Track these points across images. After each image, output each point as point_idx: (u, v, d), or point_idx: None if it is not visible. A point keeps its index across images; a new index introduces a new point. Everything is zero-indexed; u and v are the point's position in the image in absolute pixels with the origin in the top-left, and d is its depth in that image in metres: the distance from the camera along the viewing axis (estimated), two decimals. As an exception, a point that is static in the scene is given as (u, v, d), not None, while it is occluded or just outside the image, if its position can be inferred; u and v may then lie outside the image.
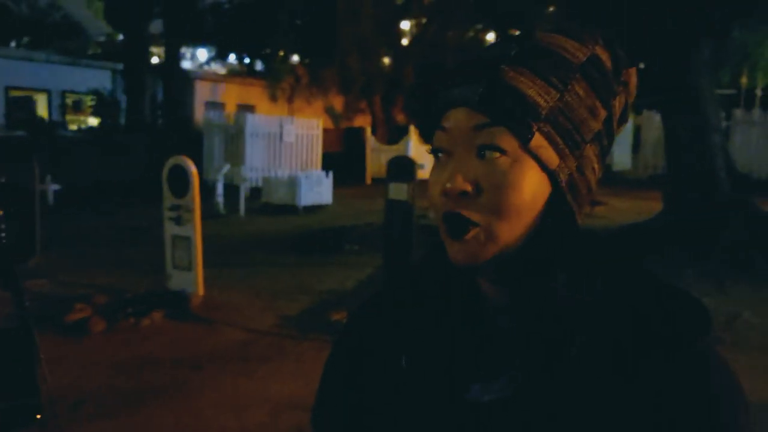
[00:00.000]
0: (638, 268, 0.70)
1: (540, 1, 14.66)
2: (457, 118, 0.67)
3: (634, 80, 0.72)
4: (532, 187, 0.65)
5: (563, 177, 0.66)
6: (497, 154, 0.65)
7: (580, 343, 0.65)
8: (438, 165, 0.69)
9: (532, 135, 0.64)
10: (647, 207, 10.36)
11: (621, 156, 19.27)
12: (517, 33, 0.69)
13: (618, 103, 0.70)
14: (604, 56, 0.69)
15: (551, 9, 15.05)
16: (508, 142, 0.64)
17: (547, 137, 0.65)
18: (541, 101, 0.65)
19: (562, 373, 0.64)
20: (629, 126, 20.19)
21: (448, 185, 0.66)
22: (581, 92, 0.67)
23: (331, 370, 0.84)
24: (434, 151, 0.70)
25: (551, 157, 0.65)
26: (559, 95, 0.65)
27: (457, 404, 0.69)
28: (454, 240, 0.67)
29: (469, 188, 0.65)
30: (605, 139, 0.70)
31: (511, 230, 0.66)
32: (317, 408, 0.84)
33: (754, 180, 13.21)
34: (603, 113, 0.68)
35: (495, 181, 0.65)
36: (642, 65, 9.43)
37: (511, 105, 0.64)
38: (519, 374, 0.66)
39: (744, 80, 17.78)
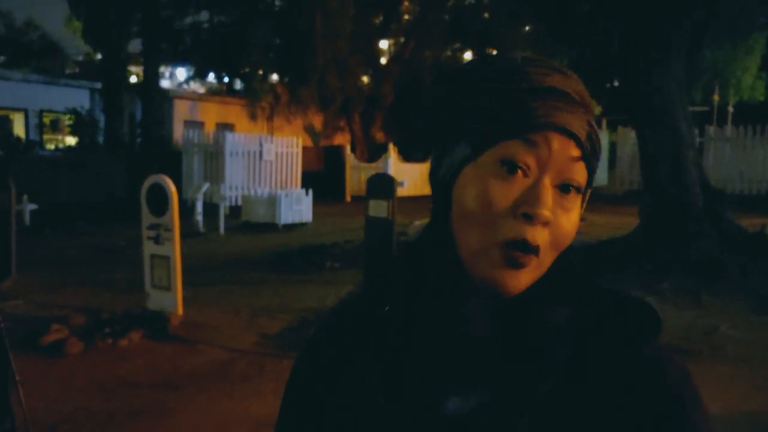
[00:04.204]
0: (593, 282, 0.72)
1: (513, 20, 14.87)
2: (558, 143, 0.64)
3: None
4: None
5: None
6: (575, 188, 0.66)
7: (556, 355, 0.67)
8: (504, 177, 0.64)
9: (595, 172, 0.68)
10: (624, 222, 10.48)
11: (598, 172, 19.48)
12: (527, 57, 0.68)
13: None
14: None
15: (526, 29, 15.30)
16: (584, 179, 0.67)
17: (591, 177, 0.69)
18: (596, 141, 0.68)
19: (537, 383, 0.65)
20: (605, 143, 20.49)
21: (538, 210, 0.63)
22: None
23: (293, 392, 0.79)
24: (507, 163, 0.64)
25: (587, 195, 0.70)
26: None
27: (434, 419, 0.68)
28: (513, 269, 0.64)
29: (552, 218, 0.64)
30: None
31: (552, 259, 0.67)
32: (279, 428, 0.80)
33: (727, 195, 13.43)
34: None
35: (571, 214, 0.66)
36: (616, 82, 9.59)
37: (596, 143, 0.67)
38: (496, 385, 0.67)
39: (716, 97, 18.13)
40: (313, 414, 0.76)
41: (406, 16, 20.79)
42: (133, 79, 24.77)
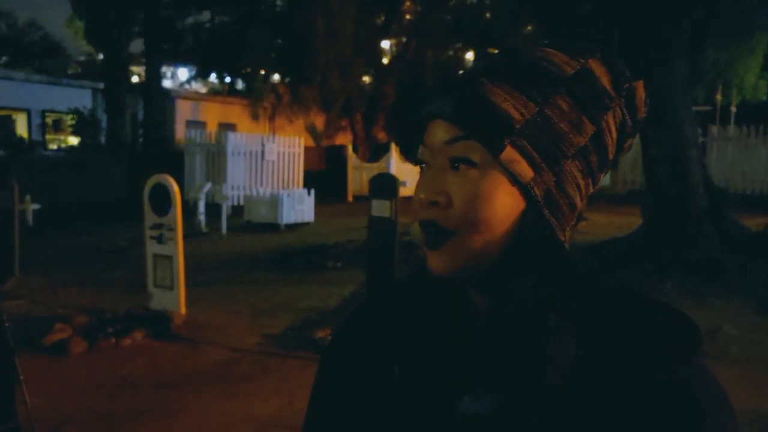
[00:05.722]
0: (626, 289, 0.69)
1: (514, 20, 14.85)
2: (434, 132, 0.68)
3: (639, 94, 0.71)
4: (502, 200, 0.65)
5: (539, 191, 0.66)
6: (469, 167, 0.66)
7: (567, 358, 0.64)
8: (420, 176, 0.71)
9: (503, 148, 0.64)
10: (626, 222, 10.47)
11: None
12: (508, 48, 0.70)
13: (612, 119, 0.68)
14: (599, 71, 0.68)
15: (528, 28, 15.28)
16: (480, 155, 0.65)
17: (521, 151, 0.65)
18: (516, 114, 0.64)
19: (547, 386, 0.64)
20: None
21: (422, 195, 0.68)
22: (564, 106, 0.65)
23: (319, 387, 0.82)
24: (419, 164, 0.72)
25: (524, 171, 0.65)
26: (537, 109, 0.65)
27: (449, 417, 0.68)
28: (430, 249, 0.69)
29: (439, 199, 0.67)
30: (593, 155, 0.68)
31: (484, 241, 0.66)
32: (307, 426, 0.82)
33: (730, 194, 13.43)
34: (590, 128, 0.67)
35: (465, 192, 0.66)
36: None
37: (482, 118, 0.65)
38: (505, 386, 0.66)
39: (719, 97, 18.10)
40: (334, 413, 0.78)
41: (408, 17, 20.79)
42: (135, 79, 24.79)
